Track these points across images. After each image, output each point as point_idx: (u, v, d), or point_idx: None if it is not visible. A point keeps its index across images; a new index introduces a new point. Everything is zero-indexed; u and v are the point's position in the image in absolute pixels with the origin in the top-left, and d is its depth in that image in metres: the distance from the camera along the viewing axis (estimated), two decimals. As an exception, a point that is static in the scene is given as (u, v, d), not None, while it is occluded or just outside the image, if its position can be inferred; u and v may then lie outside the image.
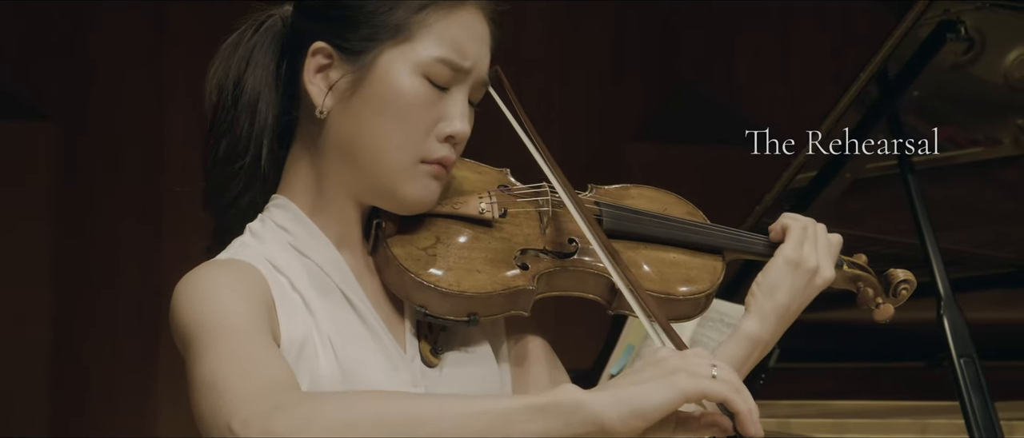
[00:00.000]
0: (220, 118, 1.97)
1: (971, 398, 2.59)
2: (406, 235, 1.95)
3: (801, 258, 2.03)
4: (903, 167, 2.85)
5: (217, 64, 1.99)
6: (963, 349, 2.63)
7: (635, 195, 2.12)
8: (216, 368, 1.74)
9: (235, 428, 1.67)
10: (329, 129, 1.92)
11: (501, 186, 2.04)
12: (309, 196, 1.95)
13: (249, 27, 1.99)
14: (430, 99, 1.90)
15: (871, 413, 3.32)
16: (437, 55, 1.90)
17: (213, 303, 1.82)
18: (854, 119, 3.00)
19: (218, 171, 1.97)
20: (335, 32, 1.91)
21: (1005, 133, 3.20)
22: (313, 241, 1.94)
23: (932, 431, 3.19)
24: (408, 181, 1.92)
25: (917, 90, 2.93)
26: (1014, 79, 3.04)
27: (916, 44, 2.85)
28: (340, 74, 1.91)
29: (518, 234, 1.99)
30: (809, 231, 2.06)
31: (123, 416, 4.90)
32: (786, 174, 3.04)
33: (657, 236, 2.06)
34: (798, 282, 2.03)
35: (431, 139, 1.91)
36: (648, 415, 1.65)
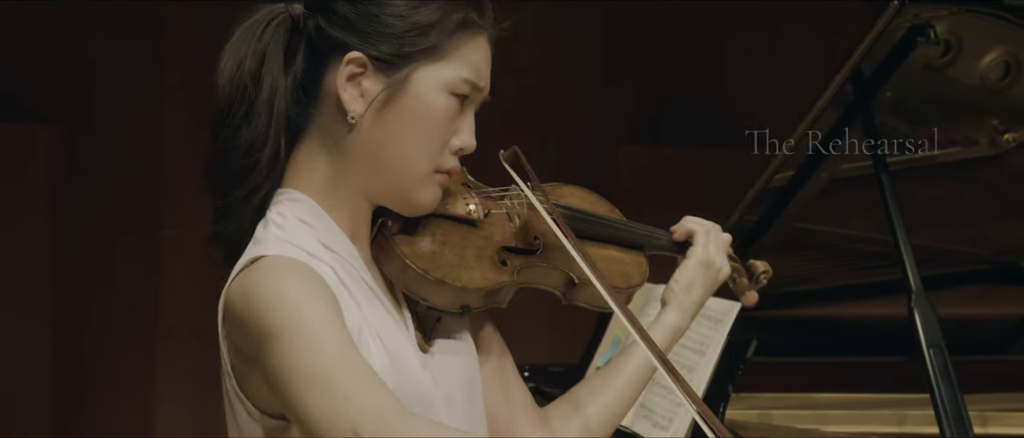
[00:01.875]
0: (236, 110, 2.04)
1: (940, 387, 2.66)
2: (410, 234, 2.09)
3: (710, 259, 2.28)
4: (876, 166, 2.93)
5: (227, 58, 2.06)
6: (932, 339, 2.71)
7: (567, 194, 2.28)
8: (327, 368, 1.85)
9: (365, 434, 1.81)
10: (356, 134, 2.03)
11: (465, 185, 2.18)
12: (323, 192, 2.05)
13: (259, 22, 2.07)
14: (454, 114, 2.04)
15: (850, 405, 3.38)
16: (464, 76, 2.04)
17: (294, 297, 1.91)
18: (831, 120, 3.07)
19: (238, 162, 2.04)
20: (371, 44, 2.02)
21: (982, 134, 3.28)
22: (333, 236, 2.04)
23: (909, 422, 3.27)
24: (423, 188, 2.06)
25: (890, 92, 3.00)
26: (990, 81, 3.13)
27: (889, 47, 2.93)
28: (375, 85, 2.02)
29: (497, 232, 2.14)
30: (712, 234, 2.31)
31: (123, 415, 4.94)
32: (765, 174, 3.12)
33: (598, 235, 2.26)
34: (708, 280, 2.28)
35: (446, 151, 2.06)
36: None
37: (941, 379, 2.66)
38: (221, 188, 2.06)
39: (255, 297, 1.92)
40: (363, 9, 2.03)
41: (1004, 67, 3.12)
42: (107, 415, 4.92)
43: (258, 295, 1.92)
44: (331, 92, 2.04)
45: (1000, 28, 3.04)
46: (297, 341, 1.86)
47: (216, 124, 2.07)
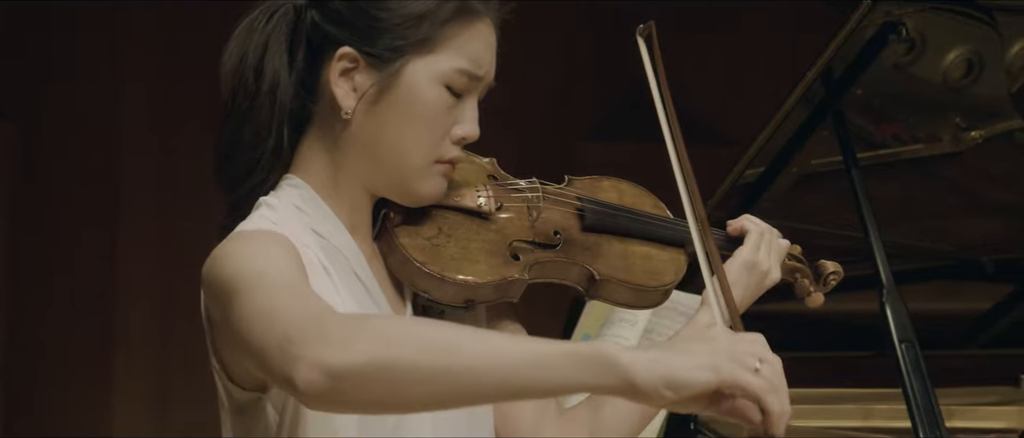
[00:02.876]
0: (239, 104, 2.04)
1: (912, 381, 2.69)
2: (412, 225, 2.06)
3: (757, 261, 2.21)
4: (847, 162, 2.95)
5: (231, 49, 2.06)
6: (904, 334, 2.74)
7: (607, 188, 2.24)
8: (266, 299, 1.80)
9: (293, 336, 1.73)
10: (352, 127, 2.02)
11: (490, 176, 2.15)
12: (324, 182, 2.05)
13: (262, 14, 2.06)
14: (449, 106, 2.02)
15: (817, 399, 3.40)
16: (458, 67, 2.01)
17: (255, 256, 1.89)
18: (801, 116, 3.10)
19: (244, 156, 2.04)
20: (362, 39, 2.00)
21: (944, 131, 3.30)
22: (328, 224, 2.03)
23: (875, 417, 3.29)
24: (424, 179, 2.04)
25: (861, 89, 3.03)
26: (952, 79, 3.15)
27: (860, 45, 2.95)
28: (367, 79, 2.01)
29: (510, 226, 2.11)
30: (765, 237, 2.24)
31: (80, 413, 4.90)
32: (735, 169, 3.14)
33: (630, 230, 2.20)
34: (751, 282, 2.20)
35: (446, 141, 2.03)
36: (680, 390, 1.66)
37: (913, 374, 2.69)
38: (230, 183, 2.06)
39: (219, 261, 1.92)
40: (354, 3, 2.01)
41: (966, 65, 3.15)
42: (60, 414, 4.89)
43: (222, 259, 1.92)
44: (327, 87, 2.03)
45: (963, 26, 3.08)
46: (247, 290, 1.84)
47: (223, 118, 2.06)
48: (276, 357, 1.75)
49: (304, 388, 1.71)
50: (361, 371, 1.69)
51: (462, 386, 1.69)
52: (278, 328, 1.76)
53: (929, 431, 2.60)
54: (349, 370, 1.70)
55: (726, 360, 1.67)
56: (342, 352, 1.70)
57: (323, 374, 1.70)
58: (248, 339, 1.81)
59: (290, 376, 1.72)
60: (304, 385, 1.71)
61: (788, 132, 3.09)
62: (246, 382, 1.98)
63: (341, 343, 1.70)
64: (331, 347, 1.70)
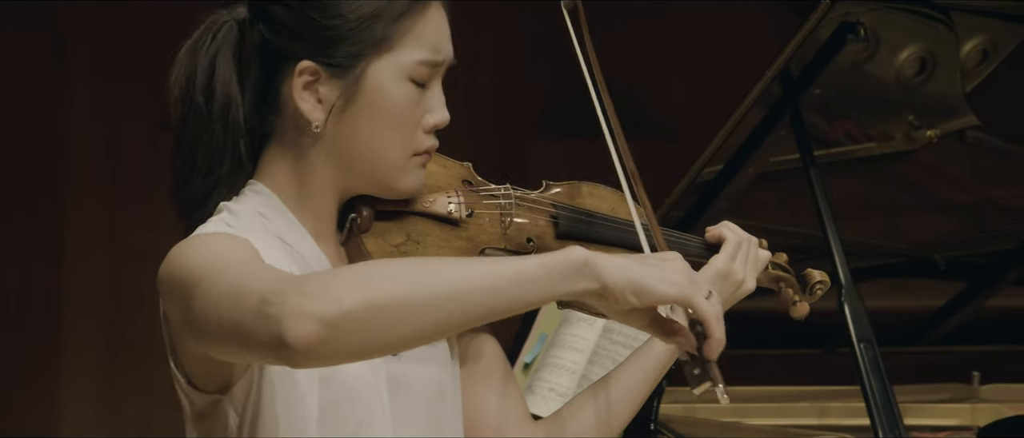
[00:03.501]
0: (191, 129, 2.00)
1: (871, 381, 2.69)
2: (379, 232, 2.03)
3: (731, 271, 2.16)
4: (805, 161, 2.94)
5: (176, 72, 2.01)
6: (862, 334, 2.74)
7: (586, 193, 2.20)
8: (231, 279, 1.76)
9: (269, 297, 1.69)
10: (322, 139, 1.98)
11: (464, 181, 2.12)
12: (288, 191, 2.01)
13: (205, 33, 2.01)
14: (416, 98, 1.98)
15: (771, 398, 3.41)
16: (419, 59, 1.98)
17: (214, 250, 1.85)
18: (758, 115, 3.09)
19: (200, 182, 1.99)
20: (318, 50, 1.96)
21: (897, 129, 3.31)
22: (292, 232, 2.00)
23: (830, 415, 3.30)
24: (403, 175, 2.00)
25: (819, 88, 3.02)
26: (905, 77, 3.15)
27: (817, 44, 2.95)
28: (331, 90, 1.97)
29: (481, 233, 2.07)
30: (743, 247, 2.18)
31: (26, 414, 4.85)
32: (693, 168, 3.13)
33: (606, 238, 2.16)
34: (724, 292, 2.14)
35: (419, 133, 2.00)
36: (643, 297, 1.76)
37: (871, 373, 2.68)
38: (187, 208, 2.02)
39: (175, 262, 1.88)
40: (303, 14, 1.97)
41: (920, 63, 3.15)
42: (4, 416, 4.84)
43: (179, 258, 1.88)
44: (290, 102, 1.99)
45: (917, 24, 3.08)
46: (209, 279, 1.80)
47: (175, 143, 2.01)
48: (257, 323, 1.70)
49: (296, 342, 1.67)
50: (354, 314, 1.67)
51: (452, 313, 1.70)
52: (251, 298, 1.72)
53: (889, 431, 2.60)
54: (342, 315, 1.67)
55: (686, 281, 1.78)
56: (328, 301, 1.67)
57: (316, 323, 1.67)
58: (219, 324, 1.76)
59: (279, 334, 1.67)
60: (297, 339, 1.67)
61: (746, 131, 3.08)
62: (206, 383, 1.94)
63: (323, 293, 1.68)
64: (314, 298, 1.67)
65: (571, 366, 2.97)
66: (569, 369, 2.98)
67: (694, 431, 3.04)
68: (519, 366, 3.11)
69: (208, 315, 1.79)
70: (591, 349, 2.94)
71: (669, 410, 3.18)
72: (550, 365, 3.00)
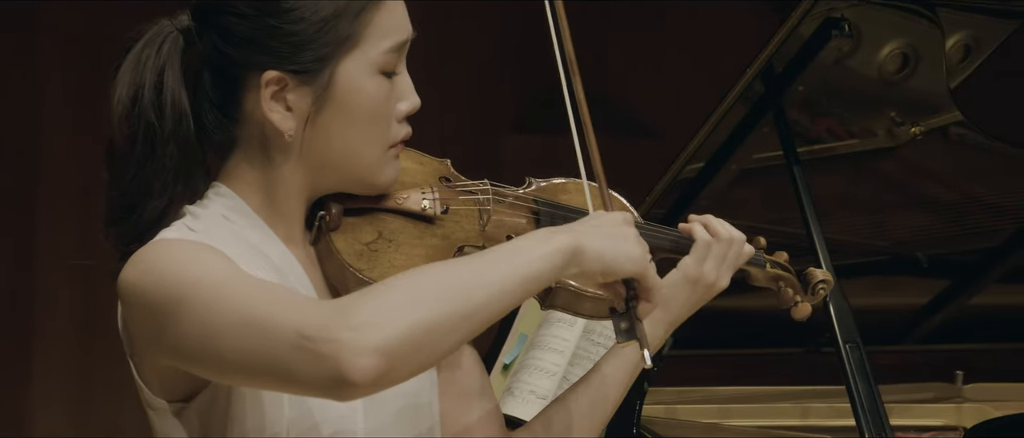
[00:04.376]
0: (141, 149, 1.90)
1: (856, 382, 2.65)
2: (349, 229, 1.97)
3: (700, 275, 2.08)
4: (789, 158, 2.91)
5: (119, 90, 1.91)
6: (848, 335, 2.70)
7: (571, 190, 2.14)
8: (243, 305, 1.72)
9: (311, 332, 1.67)
10: (295, 145, 1.92)
11: (442, 178, 2.06)
12: (256, 195, 1.95)
13: (148, 45, 1.92)
14: (388, 90, 1.93)
15: (754, 398, 3.38)
16: (386, 47, 1.91)
17: (194, 261, 1.79)
18: (741, 112, 3.06)
19: (151, 205, 1.90)
20: (282, 58, 1.88)
21: (879, 125, 3.28)
22: (260, 235, 1.93)
23: (813, 415, 3.27)
24: (381, 170, 1.95)
25: (802, 85, 2.99)
26: (887, 73, 3.12)
27: (800, 41, 2.92)
28: (301, 97, 1.90)
29: (458, 231, 2.01)
30: (715, 249, 2.10)
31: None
32: (675, 165, 3.09)
33: None
34: (693, 297, 2.09)
35: (394, 124, 1.95)
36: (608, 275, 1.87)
37: (857, 375, 2.65)
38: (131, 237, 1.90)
39: (148, 272, 1.80)
40: (259, 22, 1.88)
41: (902, 59, 3.12)
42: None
43: (151, 269, 1.80)
44: (255, 113, 1.91)
45: (899, 20, 3.05)
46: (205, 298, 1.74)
47: (116, 168, 1.91)
48: (300, 359, 1.67)
49: (361, 377, 1.65)
50: (410, 338, 1.67)
51: (482, 320, 1.73)
52: (284, 332, 1.69)
53: (875, 434, 2.56)
54: (399, 342, 1.66)
55: (641, 254, 1.88)
56: (382, 330, 1.66)
57: (376, 356, 1.65)
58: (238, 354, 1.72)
59: (339, 372, 1.65)
60: (360, 374, 1.65)
61: (728, 128, 3.05)
62: (169, 393, 1.88)
63: (373, 324, 1.66)
64: (367, 330, 1.66)
65: (551, 368, 2.94)
66: (549, 371, 2.94)
67: (676, 432, 3.01)
68: (498, 367, 3.08)
69: (214, 341, 1.74)
70: (572, 351, 2.90)
71: (651, 411, 3.15)
72: (530, 367, 2.96)
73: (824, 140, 3.30)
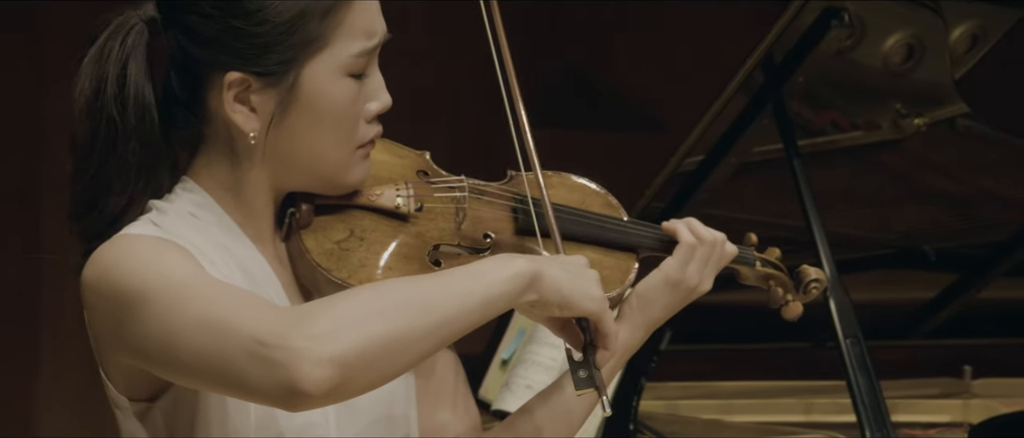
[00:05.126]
0: (103, 144, 1.84)
1: (858, 379, 2.62)
2: (320, 227, 1.91)
3: (683, 278, 2.03)
4: (789, 151, 2.88)
5: (82, 83, 1.85)
6: (849, 330, 2.67)
7: (555, 184, 2.06)
8: (202, 307, 1.69)
9: (266, 339, 1.63)
10: (260, 146, 1.86)
11: (420, 172, 2.00)
12: (225, 194, 1.89)
13: (111, 38, 1.86)
14: (356, 92, 1.87)
15: (756, 394, 3.35)
16: (355, 51, 1.85)
17: (157, 260, 1.75)
18: (740, 104, 3.02)
19: (113, 201, 1.84)
20: (246, 59, 1.82)
21: (884, 117, 3.25)
22: (228, 234, 1.88)
23: (816, 411, 3.24)
24: (348, 171, 1.89)
25: (802, 76, 2.96)
26: (892, 64, 3.09)
27: (800, 32, 2.88)
28: (265, 99, 1.84)
29: (433, 228, 1.95)
30: (699, 251, 2.04)
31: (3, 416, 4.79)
32: (673, 159, 3.06)
33: (572, 233, 2.02)
34: (674, 299, 2.04)
35: (362, 125, 1.89)
36: (566, 311, 1.84)
37: (858, 370, 2.61)
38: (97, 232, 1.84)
39: (110, 268, 1.75)
40: (223, 23, 1.81)
41: (907, 50, 3.09)
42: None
43: (112, 265, 1.75)
44: (219, 112, 1.85)
45: (904, 11, 3.02)
46: (166, 298, 1.70)
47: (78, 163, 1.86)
48: (254, 367, 1.64)
49: (314, 388, 1.62)
50: (365, 352, 1.64)
51: (440, 338, 1.71)
52: (239, 336, 1.65)
53: (877, 430, 2.52)
54: (355, 355, 1.64)
55: (601, 296, 1.86)
56: (338, 342, 1.63)
57: (331, 366, 1.62)
58: (194, 356, 1.68)
59: (291, 382, 1.62)
60: (314, 385, 1.62)
61: (728, 121, 3.02)
62: (134, 392, 1.84)
63: (330, 334, 1.64)
64: (323, 340, 1.63)
65: (549, 362, 2.91)
66: (547, 366, 2.92)
67: (676, 429, 2.98)
68: (497, 362, 3.06)
69: (172, 342, 1.70)
70: (570, 346, 2.87)
71: (650, 407, 3.12)
72: (528, 361, 2.94)
73: (828, 133, 3.28)
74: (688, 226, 2.06)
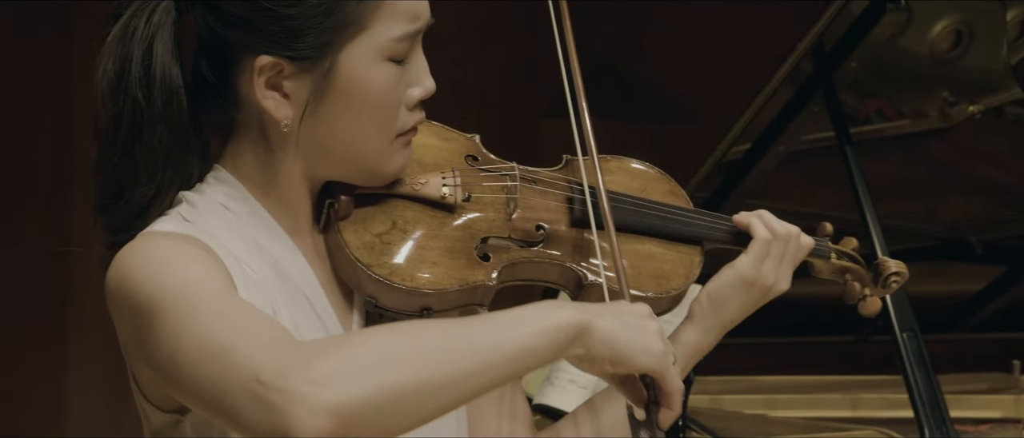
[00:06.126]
0: (127, 130, 1.74)
1: (915, 374, 2.54)
2: (360, 219, 1.80)
3: (758, 277, 1.91)
4: (841, 140, 2.81)
5: (104, 63, 1.75)
6: (906, 323, 2.59)
7: (614, 169, 1.95)
8: (209, 331, 1.59)
9: (266, 378, 1.52)
10: (294, 133, 1.76)
11: (468, 156, 1.88)
12: (259, 183, 1.80)
13: (136, 16, 1.76)
14: (397, 78, 1.77)
15: (802, 388, 3.29)
16: (395, 34, 1.75)
17: (177, 270, 1.65)
18: (787, 93, 2.96)
19: (140, 192, 1.75)
20: (278, 44, 1.72)
21: (931, 106, 3.18)
22: (261, 226, 1.79)
23: (863, 406, 3.17)
24: (387, 160, 1.79)
25: (855, 63, 2.89)
26: (939, 51, 3.02)
27: (853, 16, 2.81)
28: (299, 85, 1.74)
29: (481, 220, 1.83)
30: (775, 247, 1.91)
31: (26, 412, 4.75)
32: (719, 148, 2.99)
33: (632, 224, 1.90)
34: (749, 299, 1.92)
35: (403, 112, 1.79)
36: (619, 367, 1.67)
37: (916, 365, 2.54)
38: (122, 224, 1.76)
39: (130, 274, 1.67)
40: (253, 4, 1.71)
41: (955, 36, 3.02)
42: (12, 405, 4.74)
43: (133, 271, 1.67)
44: (249, 97, 1.76)
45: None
46: (177, 314, 1.61)
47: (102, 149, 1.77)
48: (250, 404, 1.53)
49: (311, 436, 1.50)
50: (372, 403, 1.51)
51: (465, 392, 1.57)
52: (240, 370, 1.54)
53: (936, 428, 2.45)
54: (359, 405, 1.50)
55: (662, 350, 1.68)
56: (341, 389, 1.50)
57: (329, 416, 1.50)
58: (195, 379, 1.59)
59: (284, 427, 1.50)
60: (306, 433, 1.50)
61: (775, 108, 2.95)
62: (163, 403, 1.75)
63: (334, 380, 1.51)
64: (325, 386, 1.50)
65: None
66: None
67: (722, 424, 2.91)
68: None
69: (175, 361, 1.61)
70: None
71: (695, 402, 3.05)
72: (570, 356, 2.87)
73: (873, 121, 3.21)
74: (762, 219, 1.94)
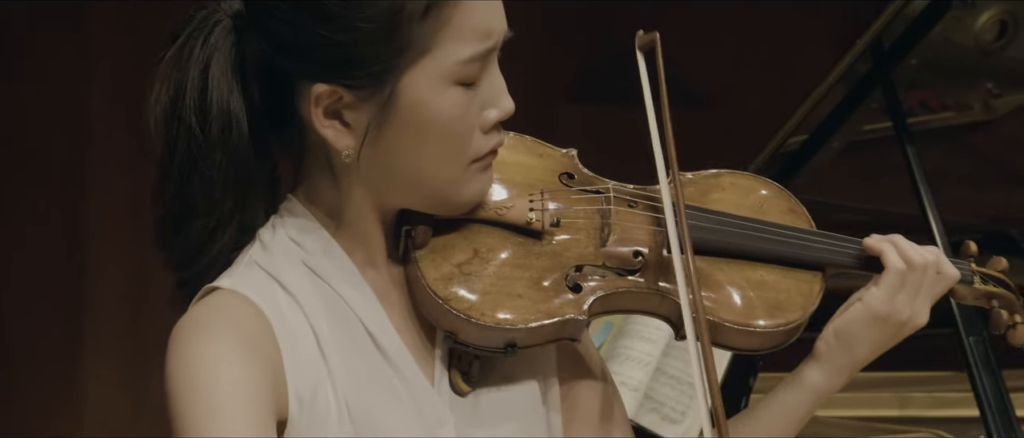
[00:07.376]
0: (182, 159, 1.65)
1: (982, 378, 2.50)
2: (439, 247, 1.66)
3: (891, 312, 1.74)
4: (900, 134, 2.76)
5: (159, 88, 1.65)
6: (972, 328, 2.55)
7: (726, 185, 1.79)
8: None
9: None
10: (358, 163, 1.65)
11: (563, 175, 1.74)
12: (330, 214, 1.69)
13: (193, 36, 1.66)
14: (468, 102, 1.63)
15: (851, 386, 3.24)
16: (463, 56, 1.61)
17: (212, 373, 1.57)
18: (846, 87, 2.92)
19: (199, 225, 1.65)
20: (335, 71, 1.60)
21: (975, 98, 3.14)
22: (332, 264, 1.68)
23: (912, 405, 3.13)
24: (461, 188, 1.66)
25: (916, 58, 2.84)
26: (985, 42, 2.97)
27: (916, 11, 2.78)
28: (359, 114, 1.62)
29: (573, 246, 1.68)
30: (909, 280, 1.73)
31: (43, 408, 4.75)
32: (772, 143, 2.94)
33: (744, 249, 1.73)
34: (882, 337, 1.76)
35: (478, 136, 1.65)
36: None
37: (983, 369, 2.50)
38: (183, 259, 1.67)
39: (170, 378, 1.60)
40: (309, 29, 1.59)
41: (1000, 26, 2.97)
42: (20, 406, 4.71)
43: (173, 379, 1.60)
44: (311, 125, 1.64)
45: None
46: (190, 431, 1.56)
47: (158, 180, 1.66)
48: None
49: None
50: None
51: None
52: None
53: (1004, 433, 2.41)
54: None
55: None
56: None
57: None
58: None
59: None
60: None
61: (832, 102, 2.91)
62: None
63: None
64: None
65: (644, 358, 2.79)
66: (642, 361, 2.79)
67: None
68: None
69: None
70: (666, 340, 2.76)
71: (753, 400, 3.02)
72: (620, 357, 2.82)
73: (917, 113, 3.16)
74: (895, 246, 1.77)
